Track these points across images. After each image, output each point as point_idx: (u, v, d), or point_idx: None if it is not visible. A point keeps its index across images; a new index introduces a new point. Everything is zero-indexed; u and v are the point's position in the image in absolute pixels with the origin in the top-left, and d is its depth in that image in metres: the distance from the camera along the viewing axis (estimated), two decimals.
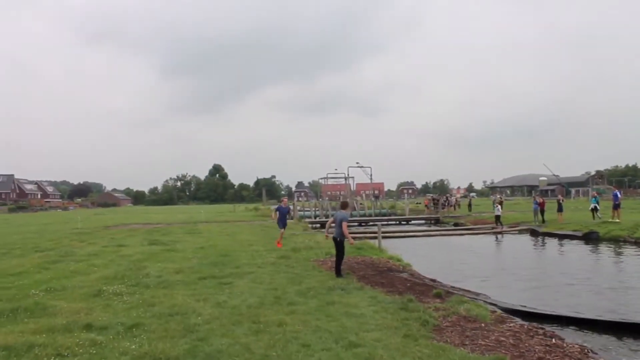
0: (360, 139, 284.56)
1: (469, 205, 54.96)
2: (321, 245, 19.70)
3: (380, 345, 6.89)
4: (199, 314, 8.55)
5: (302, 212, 50.14)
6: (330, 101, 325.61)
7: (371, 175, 70.83)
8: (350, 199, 56.80)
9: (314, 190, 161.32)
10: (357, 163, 69.85)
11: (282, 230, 20.88)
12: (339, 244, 12.98)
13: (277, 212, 21.04)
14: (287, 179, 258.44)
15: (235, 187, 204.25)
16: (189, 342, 6.96)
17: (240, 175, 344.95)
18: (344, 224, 12.88)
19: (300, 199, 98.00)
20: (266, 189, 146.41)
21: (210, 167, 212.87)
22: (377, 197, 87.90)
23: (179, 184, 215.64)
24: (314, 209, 53.35)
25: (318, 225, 39.67)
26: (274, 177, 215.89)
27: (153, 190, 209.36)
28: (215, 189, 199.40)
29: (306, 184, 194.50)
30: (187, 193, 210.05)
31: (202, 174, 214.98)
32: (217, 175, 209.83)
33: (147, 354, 6.38)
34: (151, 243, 21.38)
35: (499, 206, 36.56)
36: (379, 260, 16.07)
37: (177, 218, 48.32)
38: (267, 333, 7.41)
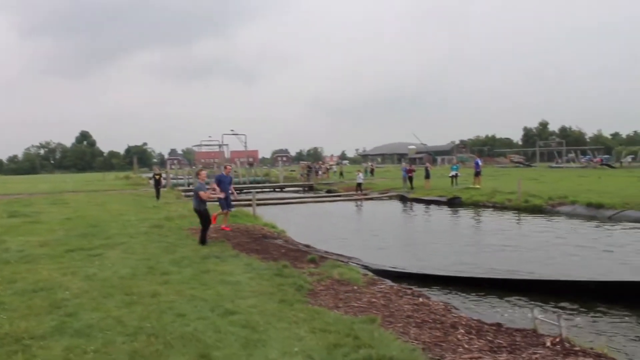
0: (236, 107, 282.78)
1: (341, 172, 56.37)
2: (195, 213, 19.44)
3: (257, 312, 6.96)
4: (66, 289, 8.14)
5: (175, 180, 49.02)
6: (206, 67, 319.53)
7: (246, 142, 70.68)
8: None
9: (188, 158, 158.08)
10: (232, 130, 69.31)
11: (227, 210, 15.90)
12: (201, 214, 12.83)
13: (218, 184, 15.57)
14: (160, 147, 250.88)
15: (105, 154, 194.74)
16: (56, 318, 6.61)
17: (111, 142, 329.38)
18: (202, 194, 12.72)
19: (173, 166, 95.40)
20: (138, 156, 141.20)
21: (77, 133, 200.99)
22: (251, 165, 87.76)
23: (42, 151, 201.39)
24: (187, 176, 52.33)
25: (192, 193, 38.95)
26: (145, 144, 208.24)
27: (12, 159, 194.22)
28: (82, 156, 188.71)
29: (180, 152, 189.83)
30: (52, 161, 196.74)
31: (69, 140, 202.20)
32: (85, 142, 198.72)
33: (7, 335, 5.97)
34: (11, 215, 19.91)
35: (361, 174, 38.05)
36: (253, 227, 16.13)
37: (40, 188, 45.28)
38: (140, 304, 7.23)
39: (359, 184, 36.08)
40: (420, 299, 8.32)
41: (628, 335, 7.41)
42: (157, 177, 29.71)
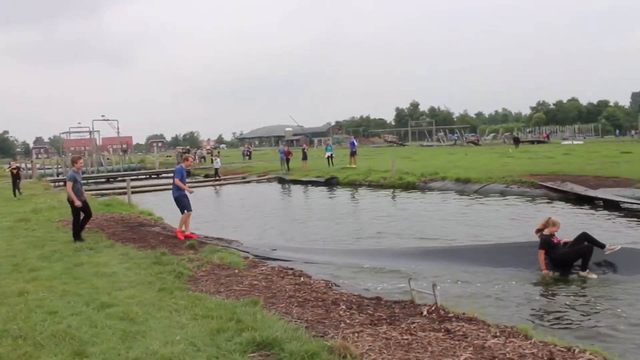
0: (107, 91, 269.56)
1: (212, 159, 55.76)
2: (66, 204, 18.40)
3: (135, 302, 6.71)
4: None
5: (42, 170, 46.12)
6: (73, 49, 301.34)
7: (118, 128, 67.71)
8: (97, 154, 53.74)
9: (56, 146, 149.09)
10: (103, 116, 66.03)
11: (187, 212, 12.35)
12: (71, 205, 11.70)
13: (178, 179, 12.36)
14: (23, 135, 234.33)
15: None
16: None
17: None
18: (68, 184, 11.67)
19: (40, 156, 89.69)
20: None
21: None
22: (125, 152, 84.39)
23: None
24: (55, 166, 49.43)
25: (62, 183, 36.91)
26: (6, 132, 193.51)
27: None
28: None
29: (46, 140, 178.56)
30: None
31: None
32: None
33: None
34: None
35: (218, 159, 38.28)
36: (129, 215, 15.57)
37: None
38: (5, 305, 6.72)
39: (216, 169, 36.35)
40: (302, 279, 8.41)
41: (496, 298, 7.96)
42: (13, 171, 24.47)
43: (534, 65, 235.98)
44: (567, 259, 9.06)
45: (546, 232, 9.19)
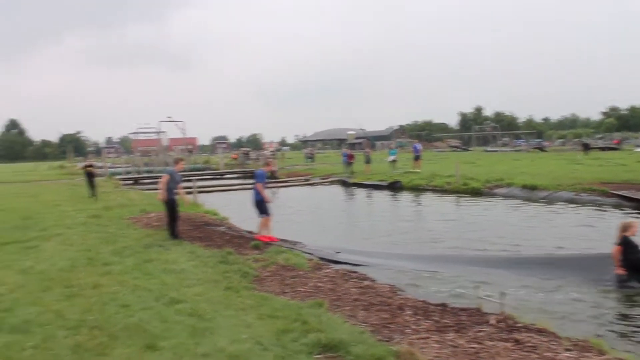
0: (173, 93, 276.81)
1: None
2: (135, 202, 19.05)
3: (203, 299, 6.87)
4: (1, 284, 7.80)
5: (112, 169, 47.78)
6: (141, 53, 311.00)
7: (184, 129, 69.28)
8: (163, 154, 55.22)
9: (125, 146, 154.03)
10: (169, 117, 67.64)
11: (266, 217, 12.37)
12: (169, 204, 11.87)
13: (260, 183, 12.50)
14: (95, 135, 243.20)
15: (37, 143, 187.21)
16: None
17: (43, 131, 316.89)
18: (164, 177, 11.89)
19: (110, 155, 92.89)
20: (72, 145, 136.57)
21: (6, 121, 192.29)
22: (190, 152, 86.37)
23: None
24: (125, 165, 51.14)
25: (130, 181, 38.16)
26: (80, 132, 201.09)
27: None
28: (12, 146, 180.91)
29: (116, 140, 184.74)
30: None
31: None
32: (14, 131, 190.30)
33: None
34: None
35: (276, 161, 38.78)
36: (195, 215, 15.91)
37: None
38: (81, 297, 7.00)
39: (273, 172, 36.51)
40: (366, 282, 8.41)
41: (567, 310, 7.70)
42: (88, 169, 22.94)
43: (604, 68, 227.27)
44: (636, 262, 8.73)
45: (627, 234, 8.90)
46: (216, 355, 5.02)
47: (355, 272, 9.23)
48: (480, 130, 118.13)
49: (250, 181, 13.91)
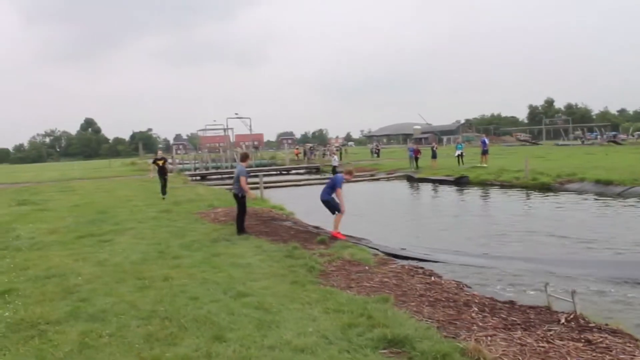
0: (241, 90, 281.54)
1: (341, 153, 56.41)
2: (203, 197, 19.51)
3: (269, 293, 6.98)
4: (78, 274, 8.17)
5: (181, 165, 49.12)
6: (208, 51, 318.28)
7: (250, 126, 70.42)
8: (230, 150, 56.28)
9: (193, 142, 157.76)
10: (236, 114, 68.99)
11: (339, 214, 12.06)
12: (239, 199, 12.11)
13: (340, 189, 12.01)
14: (164, 132, 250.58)
15: (110, 141, 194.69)
16: (69, 304, 6.64)
17: (116, 129, 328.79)
18: (242, 179, 11.94)
19: (179, 151, 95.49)
20: (143, 142, 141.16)
21: (82, 121, 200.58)
22: (257, 148, 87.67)
23: (47, 139, 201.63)
24: (193, 161, 52.44)
25: (198, 177, 39.12)
26: (150, 130, 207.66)
27: (19, 148, 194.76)
28: (88, 144, 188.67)
29: (184, 137, 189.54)
30: (58, 149, 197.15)
31: (73, 128, 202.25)
32: (90, 129, 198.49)
33: (23, 320, 6.01)
34: (20, 203, 20.00)
35: (335, 157, 38.34)
36: (261, 210, 16.14)
37: (47, 176, 45.55)
38: (152, 289, 7.26)
39: (334, 167, 36.34)
40: (432, 278, 8.32)
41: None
42: (159, 162, 20.90)
43: None
44: None
45: None
46: (282, 348, 5.09)
47: (421, 267, 9.14)
48: (551, 123, 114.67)
49: (316, 176, 13.92)
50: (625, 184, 20.46)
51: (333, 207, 12.02)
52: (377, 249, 10.78)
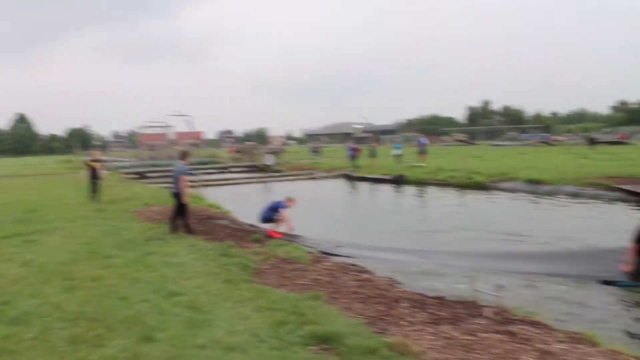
0: (181, 87, 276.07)
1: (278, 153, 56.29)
2: (139, 195, 19.12)
3: (202, 292, 6.91)
4: (2, 276, 7.85)
5: (117, 163, 48.00)
6: (151, 48, 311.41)
7: (191, 124, 69.52)
8: (170, 148, 55.42)
9: (132, 140, 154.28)
10: (177, 112, 67.84)
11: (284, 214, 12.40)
12: (178, 198, 11.62)
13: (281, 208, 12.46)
14: (102, 129, 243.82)
15: (45, 137, 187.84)
16: None
17: (51, 125, 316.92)
18: (182, 178, 11.48)
19: (115, 149, 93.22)
20: (79, 139, 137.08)
21: (13, 115, 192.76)
22: (197, 146, 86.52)
23: None
24: (131, 159, 51.37)
25: (136, 175, 38.32)
26: (87, 126, 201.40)
27: None
28: (20, 140, 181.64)
29: (123, 134, 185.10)
30: None
31: (3, 123, 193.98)
32: (23, 125, 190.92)
33: None
34: None
35: (270, 156, 38.78)
36: (198, 208, 15.94)
37: None
38: (81, 289, 7.06)
39: (268, 165, 36.64)
40: (365, 275, 8.43)
41: (562, 302, 7.72)
42: (91, 165, 18.42)
43: (614, 62, 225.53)
44: None
45: None
46: (212, 347, 5.07)
47: (354, 265, 9.25)
48: (488, 124, 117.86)
49: (256, 175, 13.82)
50: (553, 183, 21.33)
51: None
52: (312, 247, 10.83)
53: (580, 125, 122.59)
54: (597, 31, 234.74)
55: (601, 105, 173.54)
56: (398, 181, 27.92)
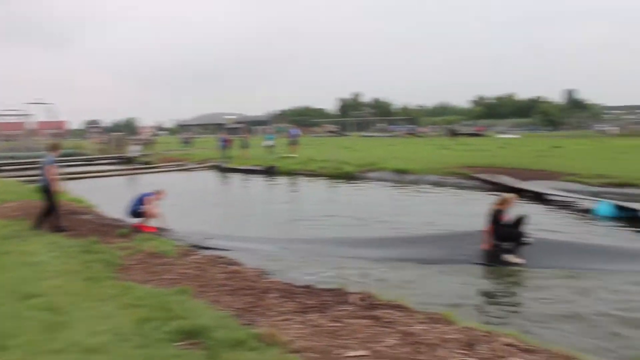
0: (43, 73, 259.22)
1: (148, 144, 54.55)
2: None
3: (61, 292, 6.55)
4: None
5: None
6: (9, 30, 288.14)
7: (53, 112, 65.55)
8: (29, 138, 51.93)
9: None
10: (38, 99, 63.67)
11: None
12: (46, 193, 11.07)
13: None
14: None
15: None
16: None
17: None
18: (50, 170, 10.95)
19: None
20: None
21: None
22: (60, 137, 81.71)
23: None
24: None
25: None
26: None
27: None
28: None
29: None
30: None
31: None
32: None
33: None
34: None
35: (136, 147, 37.96)
36: (60, 203, 15.07)
37: None
38: None
39: (130, 158, 35.77)
40: (234, 267, 8.43)
41: (424, 285, 8.22)
42: None
43: (474, 60, 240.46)
44: (508, 235, 9.58)
45: (502, 207, 9.74)
46: (71, 350, 4.83)
47: (223, 257, 9.22)
48: (358, 116, 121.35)
49: (125, 167, 13.24)
50: (417, 173, 22.60)
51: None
52: (180, 240, 10.65)
53: (443, 118, 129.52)
54: (459, 30, 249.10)
55: (462, 100, 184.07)
56: (269, 172, 28.12)
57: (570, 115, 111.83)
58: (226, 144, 35.95)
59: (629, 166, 21.66)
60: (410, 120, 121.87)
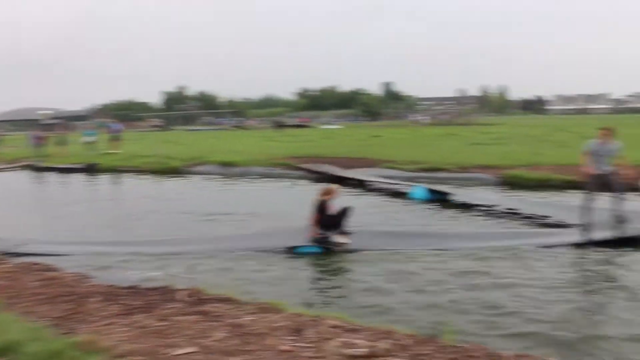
0: None
1: None
2: None
3: None
4: None
5: None
6: None
7: None
8: None
9: None
10: None
11: None
12: None
13: None
14: None
15: None
16: None
17: None
18: None
19: None
20: None
21: None
22: None
23: None
24: None
25: None
26: None
27: None
28: None
29: None
30: None
31: None
32: None
33: None
34: None
35: None
36: None
37: None
38: None
39: None
40: (51, 273, 7.83)
41: (253, 277, 8.29)
42: None
43: (297, 53, 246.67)
44: (333, 224, 9.88)
45: (327, 198, 9.98)
46: None
47: (39, 264, 8.51)
48: (183, 109, 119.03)
49: None
50: (243, 165, 22.77)
51: None
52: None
53: (269, 110, 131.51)
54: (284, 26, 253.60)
55: (287, 92, 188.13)
56: (90, 170, 26.63)
57: (387, 106, 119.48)
58: (39, 142, 33.35)
59: (438, 152, 23.70)
60: (237, 113, 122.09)
